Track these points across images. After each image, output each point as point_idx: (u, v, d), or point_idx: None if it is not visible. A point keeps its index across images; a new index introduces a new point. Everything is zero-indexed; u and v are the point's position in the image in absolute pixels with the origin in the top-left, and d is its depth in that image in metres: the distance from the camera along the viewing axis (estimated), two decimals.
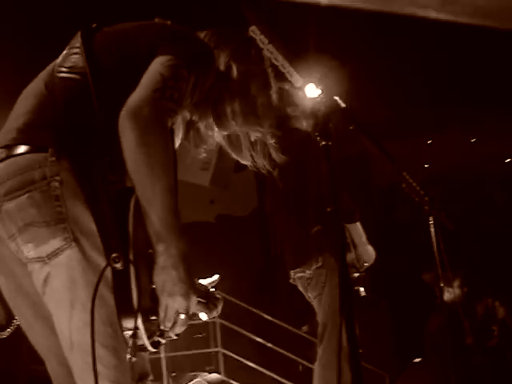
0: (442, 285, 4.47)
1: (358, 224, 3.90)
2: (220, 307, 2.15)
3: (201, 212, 9.30)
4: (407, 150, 9.51)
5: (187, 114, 2.06)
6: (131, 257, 1.70)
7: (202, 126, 2.11)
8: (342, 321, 1.63)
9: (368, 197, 8.57)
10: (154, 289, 1.77)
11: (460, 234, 8.06)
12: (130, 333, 1.71)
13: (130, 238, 1.72)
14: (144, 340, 1.72)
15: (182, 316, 1.73)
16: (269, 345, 7.26)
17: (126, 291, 1.70)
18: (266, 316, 7.57)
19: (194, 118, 2.07)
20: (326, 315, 3.83)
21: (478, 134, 9.45)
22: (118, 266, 1.68)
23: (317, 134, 1.74)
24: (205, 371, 6.47)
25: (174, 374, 6.54)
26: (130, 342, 1.71)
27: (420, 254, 4.90)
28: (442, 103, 8.63)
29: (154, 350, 1.79)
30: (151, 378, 1.84)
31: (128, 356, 1.71)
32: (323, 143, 1.74)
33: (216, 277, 2.18)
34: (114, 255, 1.68)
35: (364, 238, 3.94)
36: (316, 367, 3.85)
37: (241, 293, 7.93)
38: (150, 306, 1.75)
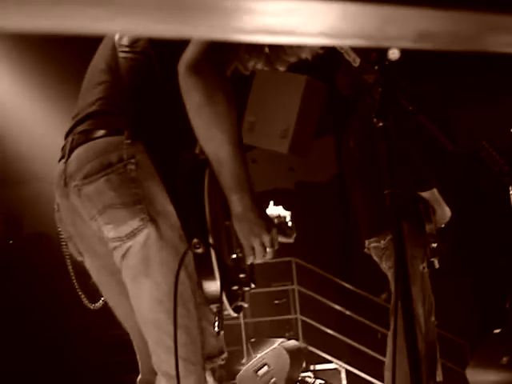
0: None
1: (435, 190, 3.85)
2: (294, 234, 2.23)
3: (281, 179, 9.32)
4: (495, 114, 9.25)
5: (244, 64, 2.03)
6: (211, 240, 1.76)
7: (259, 65, 2.08)
8: (397, 299, 1.61)
9: (451, 163, 8.38)
10: (233, 259, 1.87)
11: None
12: (214, 307, 1.79)
13: (208, 219, 1.78)
14: (228, 309, 1.83)
15: (269, 249, 1.87)
16: (347, 312, 7.26)
17: (209, 270, 1.78)
18: (344, 284, 7.56)
19: (250, 65, 2.04)
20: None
21: None
22: (199, 251, 1.75)
23: (373, 115, 1.70)
24: (284, 337, 6.53)
25: (253, 340, 6.63)
26: (217, 318, 1.79)
27: (505, 222, 4.79)
28: None
29: (236, 315, 1.87)
30: (225, 355, 1.88)
31: (216, 329, 1.79)
32: (381, 124, 1.70)
33: (288, 213, 2.25)
34: (194, 241, 1.75)
35: (441, 202, 3.90)
36: (389, 337, 3.85)
37: (321, 260, 7.94)
38: (231, 278, 1.82)
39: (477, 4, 0.57)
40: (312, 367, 6.87)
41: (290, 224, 2.22)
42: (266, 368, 5.67)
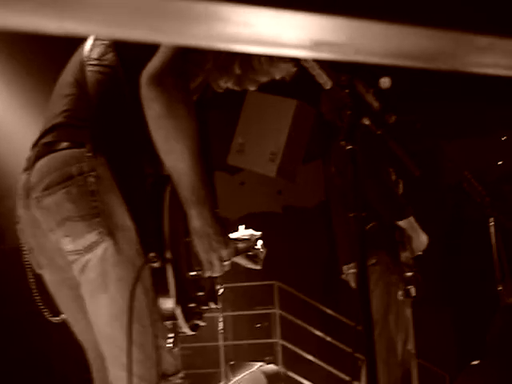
0: (500, 288, 4.38)
1: (411, 218, 3.83)
2: (261, 260, 2.24)
3: (269, 202, 9.32)
4: (481, 147, 9.28)
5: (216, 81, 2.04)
6: (168, 255, 1.75)
7: (230, 84, 2.08)
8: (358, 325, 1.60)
9: (438, 193, 8.40)
10: (192, 276, 1.85)
11: None
12: (170, 323, 1.78)
13: (166, 234, 1.76)
14: (183, 327, 1.82)
15: (226, 263, 1.89)
16: (328, 339, 7.22)
17: (164, 285, 1.76)
18: (326, 309, 7.53)
19: (221, 83, 2.05)
20: (376, 313, 3.80)
21: None
22: (156, 265, 1.74)
23: (342, 137, 1.71)
24: (263, 361, 6.48)
25: (232, 363, 6.58)
26: (171, 334, 1.77)
27: (486, 253, 4.78)
28: None
29: (193, 333, 1.86)
30: (181, 374, 1.86)
31: (170, 346, 1.77)
32: (349, 147, 1.71)
33: (258, 233, 2.26)
34: (151, 255, 1.74)
35: (418, 229, 3.88)
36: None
37: (304, 285, 7.91)
38: (188, 295, 1.81)
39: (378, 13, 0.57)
40: None
41: (259, 248, 2.21)
42: None
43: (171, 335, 1.78)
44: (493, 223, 4.22)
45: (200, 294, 1.89)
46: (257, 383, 5.64)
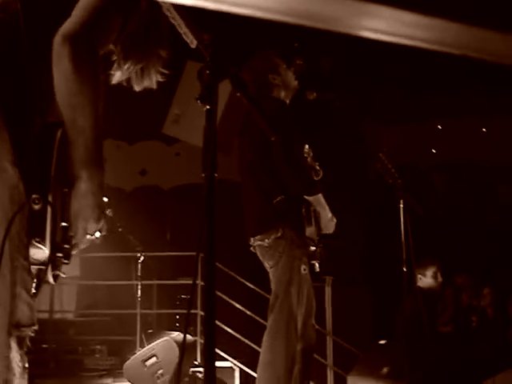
0: (404, 269, 4.47)
1: (320, 196, 3.87)
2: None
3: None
4: (417, 133, 9.41)
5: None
6: (50, 198, 1.76)
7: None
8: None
9: (367, 178, 8.50)
10: (63, 227, 1.86)
11: (440, 222, 7.98)
12: (35, 269, 1.80)
13: (52, 178, 1.77)
14: (48, 274, 1.82)
15: (89, 237, 1.88)
16: (248, 312, 7.27)
17: (41, 229, 1.77)
18: (249, 284, 7.56)
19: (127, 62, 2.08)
20: (278, 286, 3.84)
21: (491, 125, 9.31)
22: (37, 207, 1.74)
23: (198, 97, 1.73)
24: (181, 331, 6.50)
25: (150, 331, 6.60)
26: (34, 281, 1.77)
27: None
28: (461, 89, 8.52)
29: (54, 283, 1.86)
30: (35, 327, 1.86)
31: (34, 291, 1.77)
32: (207, 107, 1.73)
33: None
34: (34, 196, 1.74)
35: (326, 207, 3.92)
36: (265, 336, 3.86)
37: (232, 258, 7.92)
38: (58, 244, 1.83)
39: None
40: None
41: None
42: (154, 359, 5.64)
43: (34, 282, 1.79)
44: (402, 205, 4.30)
45: (66, 246, 1.89)
46: (169, 351, 5.67)
